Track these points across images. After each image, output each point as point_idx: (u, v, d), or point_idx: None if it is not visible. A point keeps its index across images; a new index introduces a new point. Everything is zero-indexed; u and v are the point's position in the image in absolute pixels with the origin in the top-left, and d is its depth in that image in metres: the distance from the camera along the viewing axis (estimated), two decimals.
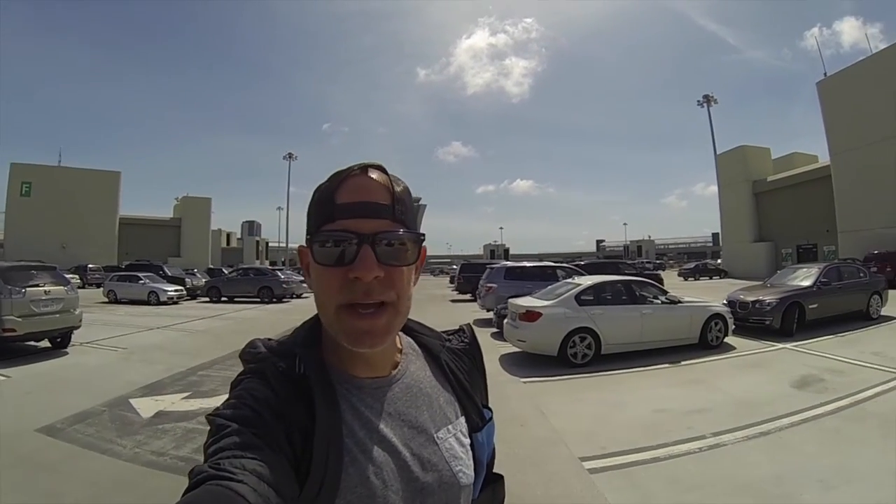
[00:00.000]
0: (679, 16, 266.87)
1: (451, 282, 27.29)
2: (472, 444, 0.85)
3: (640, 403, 6.24)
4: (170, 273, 28.09)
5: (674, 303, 9.48)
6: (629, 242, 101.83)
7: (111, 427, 5.43)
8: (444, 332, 0.98)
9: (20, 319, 8.92)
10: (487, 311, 14.63)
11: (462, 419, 0.86)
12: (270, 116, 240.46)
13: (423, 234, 0.77)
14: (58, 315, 9.71)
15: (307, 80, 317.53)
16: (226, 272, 30.19)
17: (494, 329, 11.32)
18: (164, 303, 21.84)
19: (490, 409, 0.93)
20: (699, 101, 50.11)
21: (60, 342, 10.10)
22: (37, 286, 9.47)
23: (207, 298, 24.54)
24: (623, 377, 7.69)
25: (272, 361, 0.73)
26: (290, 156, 69.54)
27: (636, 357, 8.65)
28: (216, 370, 8.35)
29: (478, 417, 0.88)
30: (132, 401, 6.42)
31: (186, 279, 27.15)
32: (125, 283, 23.29)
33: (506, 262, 19.13)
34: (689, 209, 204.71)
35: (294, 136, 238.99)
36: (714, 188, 50.13)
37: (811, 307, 10.96)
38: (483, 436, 0.88)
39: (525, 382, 7.44)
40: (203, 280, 28.13)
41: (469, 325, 1.03)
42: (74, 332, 10.35)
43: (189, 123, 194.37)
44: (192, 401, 6.52)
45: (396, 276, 0.73)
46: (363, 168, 0.75)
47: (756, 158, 45.54)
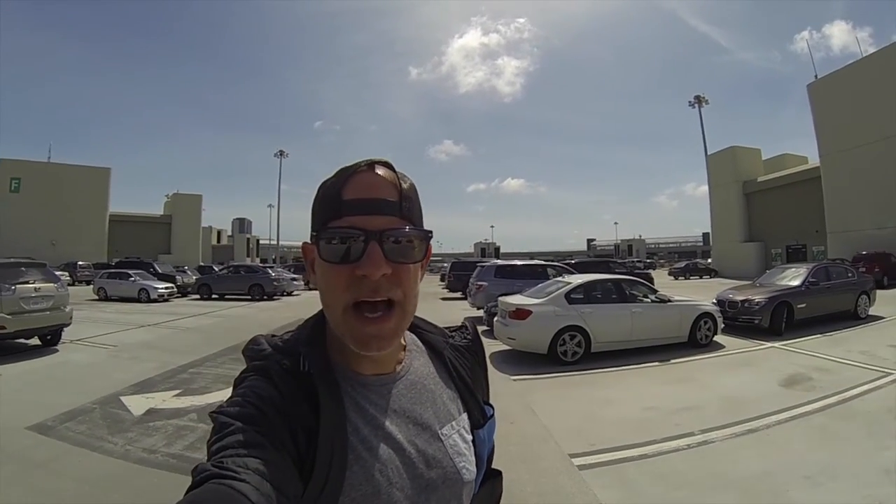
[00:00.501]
0: (670, 16, 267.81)
1: (442, 280, 27.20)
2: (474, 441, 0.85)
3: (630, 401, 6.28)
4: (160, 270, 27.94)
5: (663, 301, 9.53)
6: (620, 241, 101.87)
7: (102, 424, 5.41)
8: (447, 329, 0.99)
9: (10, 317, 8.85)
10: (478, 310, 14.62)
11: (465, 416, 0.86)
12: (262, 114, 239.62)
13: (431, 232, 0.77)
14: (48, 312, 9.63)
15: (298, 78, 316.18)
16: (216, 269, 30.06)
17: (485, 327, 11.29)
18: (155, 300, 21.79)
19: (492, 406, 0.93)
20: (690, 102, 50.41)
21: (51, 340, 10.04)
22: (26, 283, 9.40)
23: (198, 296, 24.44)
24: (612, 375, 7.73)
25: (276, 359, 0.73)
26: (282, 153, 69.45)
27: (626, 355, 8.69)
28: (207, 367, 8.34)
29: (479, 414, 0.89)
30: (123, 398, 6.39)
31: (177, 276, 27.17)
32: (115, 281, 23.25)
33: (496, 261, 19.08)
34: (680, 209, 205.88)
35: (285, 134, 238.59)
36: (705, 188, 50.44)
37: (800, 307, 11.05)
38: (484, 432, 0.88)
39: (515, 380, 7.46)
40: (193, 277, 28.01)
41: (472, 322, 1.04)
42: (65, 330, 10.28)
43: (180, 120, 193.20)
44: (183, 398, 6.50)
45: (404, 274, 0.72)
46: (370, 164, 0.75)
47: (746, 159, 45.80)
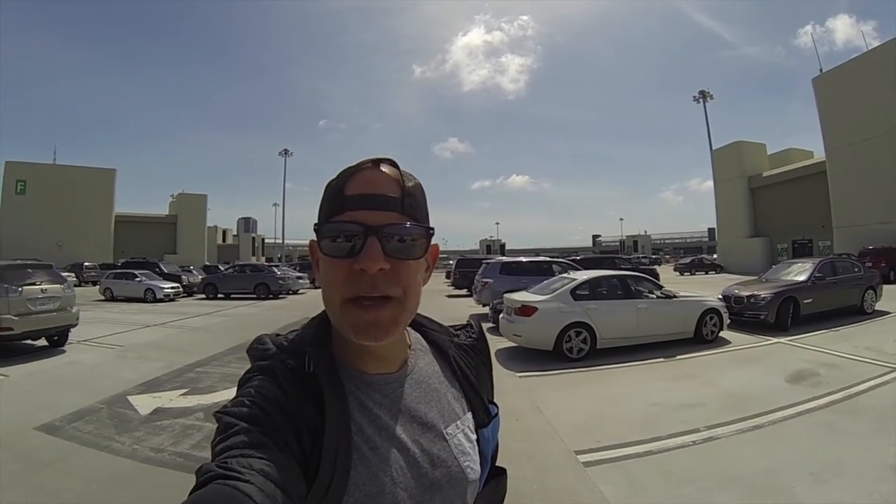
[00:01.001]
0: (674, 11, 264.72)
1: (448, 277, 27.18)
2: (479, 440, 0.85)
3: (635, 397, 6.27)
4: (166, 270, 27.97)
5: (669, 297, 9.49)
6: (625, 237, 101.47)
7: (109, 424, 5.44)
8: (452, 327, 0.98)
9: (17, 318, 8.89)
10: (483, 306, 14.62)
11: (469, 415, 0.86)
12: (266, 113, 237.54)
13: (433, 229, 0.76)
14: (55, 313, 9.68)
15: (303, 76, 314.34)
16: (222, 269, 30.13)
17: (490, 324, 11.30)
18: (161, 300, 21.84)
19: (496, 405, 0.93)
20: (695, 97, 50.29)
21: (58, 340, 10.08)
22: (33, 285, 9.45)
23: (204, 295, 24.51)
24: (618, 371, 7.72)
25: (281, 359, 0.72)
26: (286, 152, 69.32)
27: (631, 351, 8.67)
28: (214, 367, 8.35)
29: (484, 413, 0.88)
30: (130, 398, 6.41)
31: (183, 276, 27.14)
32: (121, 281, 23.32)
33: (501, 258, 19.06)
34: (685, 204, 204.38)
35: (290, 133, 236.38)
36: (710, 183, 50.41)
37: (806, 302, 11.02)
38: (489, 431, 0.88)
39: (521, 377, 7.46)
40: (199, 277, 28.08)
41: (477, 321, 1.03)
42: (71, 331, 10.34)
43: (184, 120, 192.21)
44: (190, 397, 6.52)
45: (403, 271, 0.71)
46: (375, 162, 0.75)
47: (752, 154, 45.68)
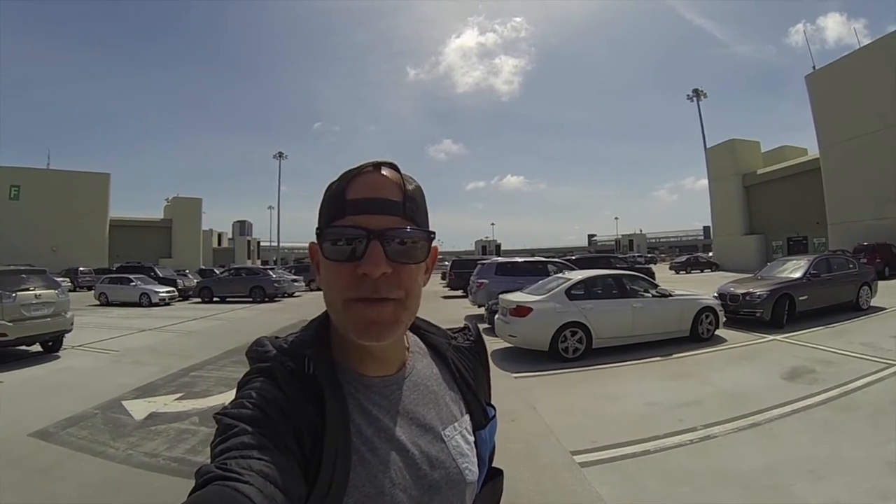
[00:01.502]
0: (667, 10, 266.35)
1: (443, 278, 27.13)
2: (476, 441, 0.85)
3: (632, 397, 6.26)
4: (161, 274, 27.93)
5: (664, 296, 9.50)
6: (620, 237, 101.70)
7: (104, 430, 5.43)
8: (450, 330, 0.99)
9: (11, 324, 8.87)
10: (479, 307, 14.63)
11: (467, 417, 0.86)
12: (260, 115, 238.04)
13: (434, 233, 0.77)
14: (49, 319, 9.65)
15: (297, 78, 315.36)
16: (217, 272, 30.05)
17: (486, 325, 11.28)
18: (156, 304, 21.77)
19: (493, 407, 0.93)
20: (689, 96, 50.24)
21: (52, 346, 10.06)
22: (27, 290, 9.41)
23: (199, 299, 24.48)
24: (614, 371, 7.71)
25: (281, 361, 0.73)
26: (281, 155, 69.11)
27: (627, 351, 8.67)
28: (209, 371, 8.34)
29: (481, 415, 0.89)
30: (125, 403, 6.41)
31: (178, 280, 27.14)
32: (116, 286, 23.18)
33: (496, 258, 19.07)
34: (680, 203, 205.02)
35: (285, 135, 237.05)
36: (704, 182, 50.36)
37: (801, 299, 11.03)
38: (486, 433, 0.88)
39: (516, 377, 7.44)
40: (195, 281, 28.06)
41: (475, 323, 1.04)
42: (66, 336, 10.30)
43: (178, 123, 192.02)
44: (185, 402, 6.52)
45: (405, 274, 0.72)
46: (376, 165, 0.75)
47: (746, 152, 45.74)
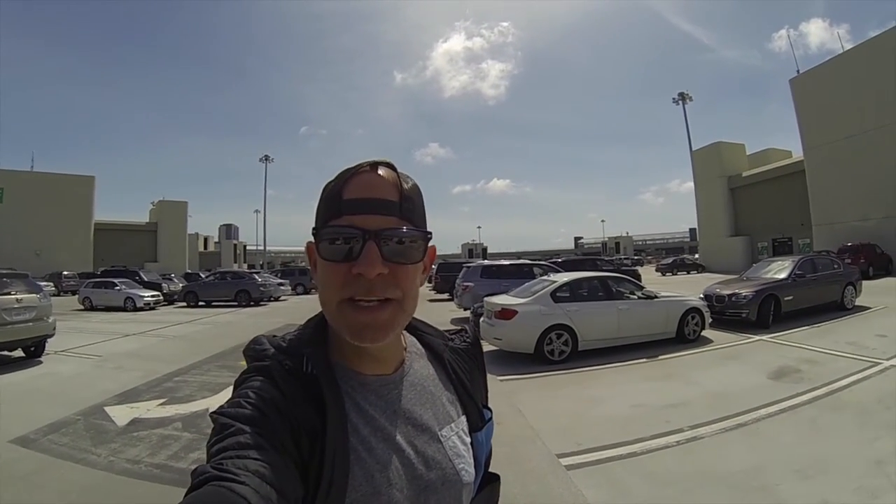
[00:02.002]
0: (653, 15, 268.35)
1: (430, 281, 27.12)
2: (472, 444, 0.85)
3: (618, 399, 6.22)
4: (146, 278, 27.84)
5: (650, 298, 9.47)
6: (607, 239, 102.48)
7: (86, 436, 5.34)
8: (447, 332, 0.99)
9: None
10: (464, 310, 14.55)
11: (463, 418, 0.86)
12: (247, 118, 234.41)
13: (430, 233, 0.77)
14: (31, 323, 9.45)
15: (284, 82, 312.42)
16: (203, 276, 29.83)
17: None
18: (141, 309, 21.51)
19: (490, 410, 0.93)
20: (674, 99, 50.81)
21: (34, 351, 9.88)
22: (8, 294, 9.20)
23: (184, 303, 24.30)
24: (600, 373, 7.67)
25: (279, 359, 0.72)
26: (267, 158, 68.84)
27: (613, 353, 8.64)
28: (193, 375, 8.25)
29: (478, 417, 0.89)
30: (107, 409, 6.32)
31: (163, 284, 26.98)
32: (101, 290, 22.94)
33: (482, 261, 19.12)
34: (666, 205, 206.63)
35: (271, 139, 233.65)
36: (690, 185, 50.84)
37: (786, 299, 11.10)
38: (483, 435, 0.88)
39: (502, 380, 7.34)
40: (180, 285, 27.83)
41: (472, 326, 1.02)
42: (48, 341, 10.11)
43: (164, 126, 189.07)
44: (168, 407, 6.43)
45: (401, 275, 0.72)
46: (372, 165, 0.75)
47: (731, 154, 46.15)
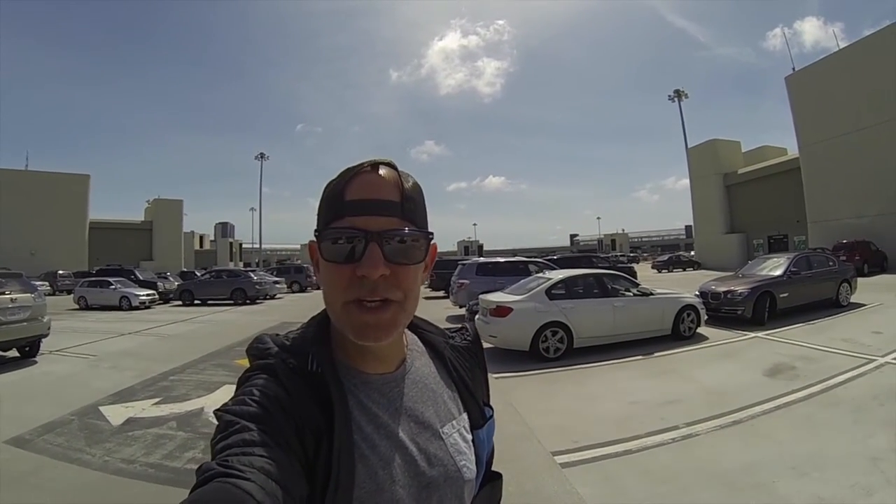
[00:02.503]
0: (649, 12, 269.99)
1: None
2: (474, 441, 0.86)
3: (613, 396, 6.21)
4: (141, 277, 27.73)
5: (646, 295, 9.47)
6: (603, 236, 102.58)
7: (80, 436, 5.32)
8: (448, 330, 0.99)
9: None
10: (460, 308, 14.57)
11: (465, 415, 0.87)
12: (242, 116, 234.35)
13: (432, 233, 0.77)
14: (25, 323, 9.38)
15: (279, 80, 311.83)
16: (198, 275, 29.72)
17: None
18: (136, 308, 21.39)
19: (491, 408, 0.94)
20: (670, 96, 50.52)
21: (29, 351, 9.82)
22: (2, 294, 9.13)
23: (180, 302, 24.19)
24: (596, 370, 7.65)
25: (283, 358, 0.73)
26: (262, 156, 68.56)
27: (609, 350, 8.63)
28: (188, 374, 8.22)
29: (479, 415, 0.89)
30: (102, 408, 6.29)
31: (158, 283, 26.92)
32: (96, 289, 22.82)
33: (477, 259, 19.14)
34: (662, 202, 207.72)
35: (267, 137, 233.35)
36: (685, 182, 50.87)
37: (782, 296, 11.11)
38: (484, 433, 0.89)
39: (497, 378, 7.29)
40: (175, 283, 27.74)
41: (472, 324, 1.04)
42: (43, 341, 10.04)
43: (159, 124, 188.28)
44: (163, 406, 6.40)
45: (403, 275, 0.73)
46: (373, 165, 0.75)
47: (727, 151, 46.20)
